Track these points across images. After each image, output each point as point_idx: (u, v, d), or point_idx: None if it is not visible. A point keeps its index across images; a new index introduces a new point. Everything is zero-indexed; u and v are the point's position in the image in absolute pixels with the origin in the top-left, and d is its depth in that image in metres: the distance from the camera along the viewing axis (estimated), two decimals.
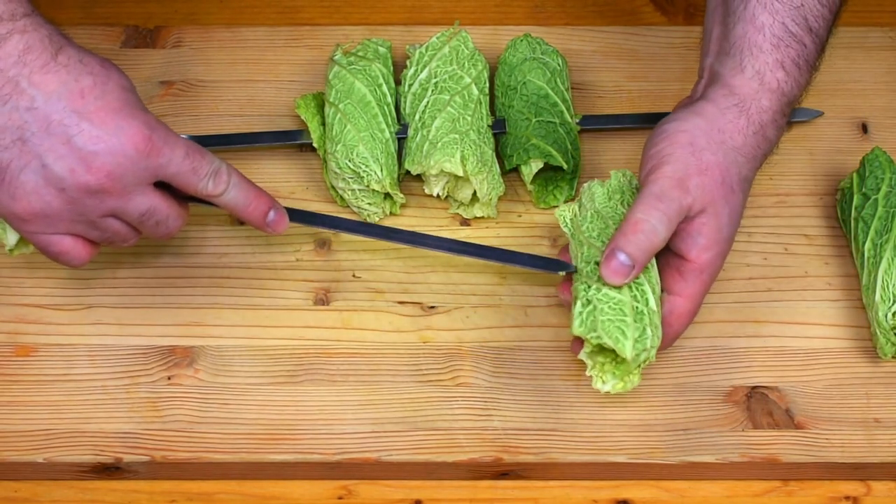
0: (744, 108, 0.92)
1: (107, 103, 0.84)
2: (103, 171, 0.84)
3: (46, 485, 0.93)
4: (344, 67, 1.07)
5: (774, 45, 0.93)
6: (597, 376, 0.89)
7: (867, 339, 0.98)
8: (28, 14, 0.84)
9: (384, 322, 0.98)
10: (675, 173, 0.89)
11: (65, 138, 0.83)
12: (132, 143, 0.84)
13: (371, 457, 0.92)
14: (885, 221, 0.98)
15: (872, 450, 0.93)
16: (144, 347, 0.97)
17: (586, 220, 0.92)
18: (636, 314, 0.87)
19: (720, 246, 0.91)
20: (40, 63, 0.83)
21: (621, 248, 0.87)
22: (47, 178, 0.84)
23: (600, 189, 0.94)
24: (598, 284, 0.88)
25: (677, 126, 0.92)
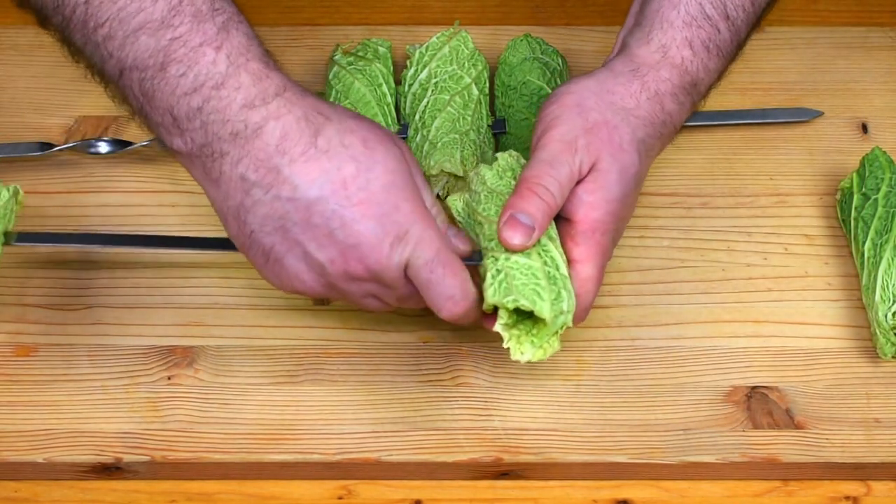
0: (638, 73, 0.91)
1: (369, 194, 0.82)
2: (362, 263, 0.83)
3: (46, 485, 0.93)
4: (344, 67, 1.07)
5: (686, 24, 0.92)
6: (515, 348, 0.87)
7: (867, 339, 0.98)
8: (280, 93, 0.82)
9: (384, 322, 0.98)
10: (562, 136, 0.88)
11: (326, 231, 0.82)
12: (389, 238, 0.83)
13: (371, 457, 0.92)
14: (885, 221, 0.98)
15: (872, 450, 0.93)
16: (144, 347, 0.97)
17: (481, 202, 0.90)
18: (549, 278, 0.86)
19: (610, 205, 0.89)
20: (300, 150, 0.81)
21: (520, 210, 0.86)
22: (310, 264, 0.84)
23: (489, 171, 0.92)
24: (507, 254, 0.87)
25: (566, 88, 0.91)
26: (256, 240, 0.84)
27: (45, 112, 1.10)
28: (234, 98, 0.80)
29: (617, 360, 0.97)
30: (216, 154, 0.82)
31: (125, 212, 1.04)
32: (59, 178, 1.06)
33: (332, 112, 0.84)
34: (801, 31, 1.16)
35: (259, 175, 0.81)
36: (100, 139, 1.07)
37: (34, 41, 1.13)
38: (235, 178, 0.82)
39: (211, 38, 0.80)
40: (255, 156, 0.81)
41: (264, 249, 0.84)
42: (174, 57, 0.80)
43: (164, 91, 0.81)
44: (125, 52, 0.81)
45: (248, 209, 0.83)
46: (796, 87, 1.13)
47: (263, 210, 0.82)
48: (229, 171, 0.82)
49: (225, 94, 0.80)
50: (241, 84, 0.80)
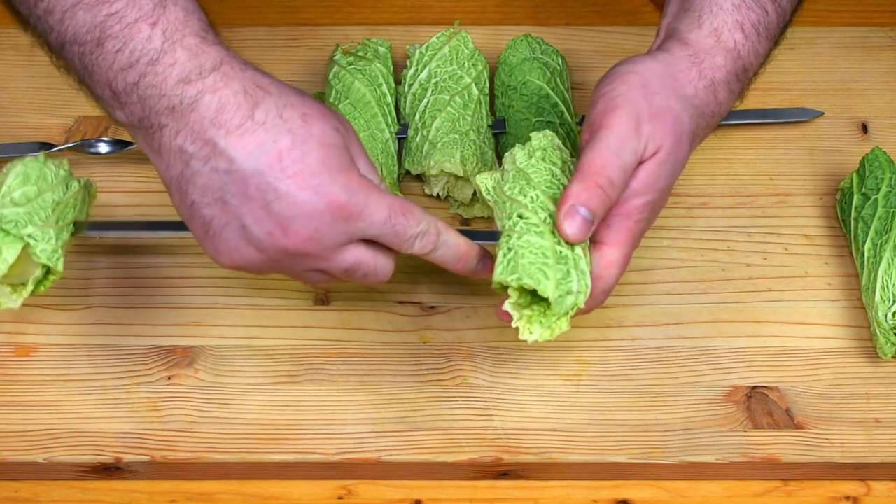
0: (696, 60, 0.90)
1: (305, 166, 0.81)
2: (301, 236, 0.82)
3: (46, 485, 0.93)
4: (344, 67, 1.07)
5: (735, 6, 0.91)
6: (523, 327, 0.86)
7: (867, 339, 0.98)
8: (217, 66, 0.81)
9: (384, 322, 0.98)
10: (629, 119, 0.86)
11: (262, 203, 0.81)
12: (329, 209, 0.82)
13: (371, 457, 0.92)
14: (884, 221, 0.98)
15: (872, 450, 0.93)
16: (144, 347, 0.97)
17: (508, 182, 0.90)
18: (559, 257, 0.85)
19: (654, 195, 0.88)
20: (236, 122, 0.81)
21: (583, 203, 0.85)
22: (247, 238, 0.83)
23: (521, 151, 0.91)
24: (521, 232, 0.86)
25: (631, 67, 0.89)
26: (197, 211, 0.83)
27: (45, 112, 1.10)
28: (169, 73, 0.80)
29: (617, 360, 0.97)
30: (155, 127, 0.82)
31: (125, 212, 1.04)
32: None
33: (272, 87, 0.83)
34: (801, 31, 1.16)
35: (196, 147, 0.81)
36: (100, 139, 1.07)
37: (35, 41, 1.13)
38: (175, 149, 0.82)
39: (147, 13, 0.80)
40: (192, 128, 0.81)
41: (204, 221, 0.83)
42: (110, 33, 0.80)
43: (102, 66, 0.81)
44: (64, 27, 0.81)
45: (188, 180, 0.82)
46: (796, 87, 1.13)
47: (202, 181, 0.82)
48: (169, 143, 0.82)
49: (160, 69, 0.80)
50: (177, 60, 0.80)
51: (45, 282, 0.90)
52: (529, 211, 0.87)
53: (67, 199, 0.91)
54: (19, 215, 0.87)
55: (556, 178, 0.89)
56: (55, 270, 0.89)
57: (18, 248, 0.86)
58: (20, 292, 0.89)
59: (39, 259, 0.87)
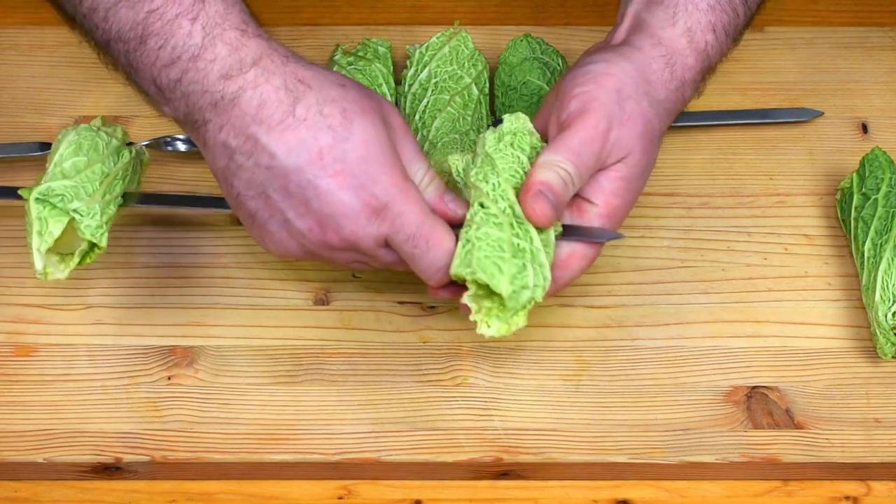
0: (669, 61, 0.90)
1: (345, 165, 0.82)
2: (339, 234, 0.84)
3: (46, 485, 0.93)
4: (344, 67, 1.07)
5: (710, 7, 0.91)
6: (481, 321, 0.85)
7: (867, 339, 0.98)
8: (258, 61, 0.82)
9: (384, 322, 0.98)
10: (598, 125, 0.87)
11: (303, 199, 0.83)
12: (365, 210, 0.83)
13: (371, 457, 0.92)
14: (884, 221, 0.98)
15: (872, 450, 0.93)
16: (144, 347, 0.97)
17: (475, 166, 0.89)
18: (516, 251, 0.84)
19: (629, 195, 0.90)
20: (277, 118, 0.82)
21: (547, 189, 0.85)
22: (290, 231, 0.85)
23: (492, 134, 0.91)
24: (479, 223, 0.85)
25: (605, 68, 0.89)
26: (242, 203, 0.85)
27: (45, 112, 1.10)
28: (210, 69, 0.81)
29: (617, 360, 0.97)
30: (199, 122, 0.83)
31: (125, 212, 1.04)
32: None
33: (314, 80, 0.84)
34: (801, 31, 1.16)
35: (239, 142, 0.82)
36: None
37: (34, 41, 1.13)
38: (219, 144, 0.83)
39: (187, 9, 0.81)
40: (234, 123, 0.82)
41: (250, 212, 0.85)
42: (152, 30, 0.81)
43: (145, 63, 0.82)
44: (108, 25, 0.82)
45: (233, 173, 0.84)
46: (796, 87, 1.13)
47: (246, 175, 0.83)
48: (214, 138, 0.83)
49: (201, 65, 0.81)
50: (217, 55, 0.81)
51: (90, 254, 0.91)
52: (490, 200, 0.87)
53: (117, 170, 0.92)
54: (66, 189, 0.88)
55: (521, 165, 0.89)
56: (100, 245, 0.90)
57: (64, 221, 0.88)
58: (68, 263, 0.90)
59: (83, 235, 0.88)
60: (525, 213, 0.86)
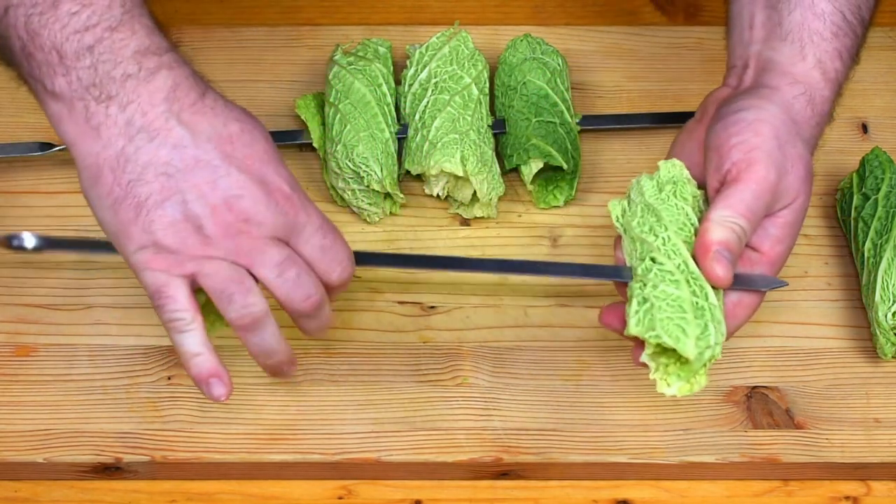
0: (810, 99, 0.89)
1: (255, 153, 0.83)
2: (245, 214, 0.82)
3: (46, 485, 0.93)
4: (344, 67, 1.07)
5: (834, 34, 0.90)
6: (661, 380, 0.84)
7: (867, 339, 0.98)
8: (171, 49, 0.82)
9: (384, 322, 0.98)
10: (767, 176, 0.85)
11: (210, 179, 0.81)
12: (274, 196, 0.82)
13: (371, 457, 0.92)
14: (884, 221, 0.98)
15: (872, 450, 0.93)
16: (144, 347, 0.97)
17: (636, 216, 0.88)
18: (696, 310, 0.83)
19: (792, 239, 0.89)
20: (189, 101, 0.82)
21: (725, 248, 0.84)
22: (187, 214, 0.81)
23: (649, 182, 0.89)
24: (655, 281, 0.84)
25: (757, 115, 0.87)
26: (132, 190, 0.81)
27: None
28: (128, 43, 0.80)
29: (617, 360, 0.97)
30: (103, 96, 0.80)
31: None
32: (59, 178, 1.06)
33: (211, 85, 0.85)
34: None
35: (147, 120, 0.81)
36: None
37: None
38: (121, 122, 0.81)
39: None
40: (146, 100, 0.81)
41: (138, 201, 0.81)
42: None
43: (52, 28, 0.80)
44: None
45: (128, 157, 0.81)
46: None
47: (146, 157, 0.81)
48: (115, 115, 0.81)
49: (119, 37, 0.80)
50: (136, 32, 0.81)
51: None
52: (662, 255, 0.85)
53: None
54: None
55: (688, 217, 0.87)
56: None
57: None
58: None
59: None
60: (706, 274, 0.84)
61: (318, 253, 0.85)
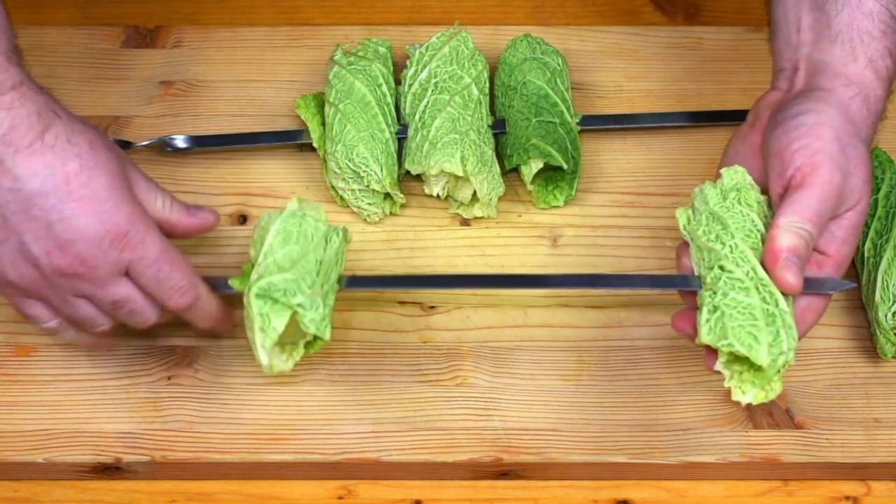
0: (865, 99, 0.89)
1: (91, 192, 0.84)
2: (78, 258, 0.84)
3: (46, 485, 0.93)
4: (344, 67, 1.07)
5: (883, 32, 0.90)
6: (736, 387, 0.85)
7: (867, 339, 0.98)
8: (16, 86, 0.83)
9: (384, 322, 0.98)
10: (832, 179, 0.86)
11: (45, 223, 0.83)
12: (108, 236, 0.84)
13: (371, 457, 0.92)
14: (884, 221, 0.98)
15: (872, 450, 0.93)
16: (144, 347, 0.97)
17: (702, 224, 0.88)
18: (767, 317, 0.83)
19: (856, 240, 0.89)
20: (26, 143, 0.83)
21: (794, 254, 0.84)
22: (24, 254, 0.84)
23: (713, 190, 0.90)
24: (725, 289, 0.84)
25: (816, 118, 0.88)
26: None
27: None
28: None
29: (617, 360, 0.97)
30: None
31: None
32: None
33: (63, 112, 0.85)
34: None
35: None
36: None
37: (34, 41, 1.13)
38: None
39: None
40: None
41: None
42: None
43: None
44: None
45: None
46: None
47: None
48: None
49: None
50: None
51: (314, 345, 0.91)
52: (731, 262, 0.85)
53: (329, 257, 0.91)
54: (287, 283, 0.87)
55: (754, 224, 0.87)
56: (323, 338, 0.88)
57: (287, 316, 0.86)
58: (291, 354, 0.90)
59: (308, 329, 0.87)
60: (776, 282, 0.84)
61: (154, 284, 0.88)
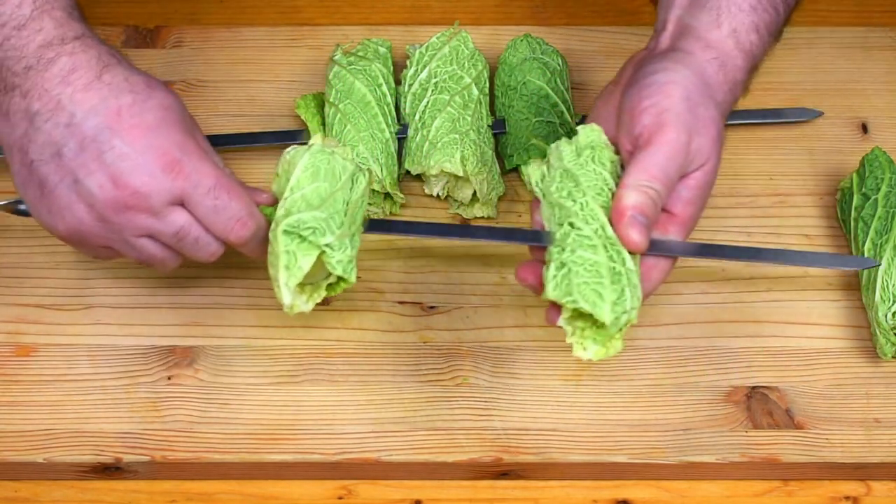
0: (722, 64, 0.90)
1: (142, 121, 0.85)
2: (129, 188, 0.84)
3: (46, 485, 0.93)
4: (344, 67, 1.07)
5: (752, 7, 0.91)
6: (577, 343, 0.85)
7: (867, 339, 0.98)
8: (79, 37, 0.85)
9: (384, 322, 0.98)
10: (679, 138, 0.86)
11: (97, 154, 0.84)
12: (159, 162, 0.84)
13: (371, 457, 0.92)
14: (884, 221, 0.98)
15: (872, 450, 0.93)
16: (144, 347, 0.97)
17: (555, 181, 0.88)
18: (613, 275, 0.83)
19: (703, 201, 0.89)
20: (83, 82, 0.84)
21: (640, 212, 0.84)
22: (79, 193, 0.85)
23: (568, 147, 0.89)
24: (573, 246, 0.84)
25: (668, 76, 0.88)
26: (35, 170, 0.86)
27: None
28: (33, 39, 0.84)
29: (617, 360, 0.97)
30: (8, 87, 0.85)
31: None
32: None
33: (124, 60, 0.87)
34: (801, 31, 1.16)
35: (42, 103, 0.84)
36: None
37: None
38: (22, 108, 0.85)
39: None
40: (42, 86, 0.84)
41: (40, 180, 0.86)
42: None
43: None
44: None
45: (30, 138, 0.85)
46: (796, 87, 1.13)
47: (42, 138, 0.85)
48: (18, 103, 0.85)
49: (25, 34, 0.84)
50: (43, 27, 0.85)
51: (336, 287, 0.89)
52: (580, 220, 0.85)
53: (356, 198, 0.89)
54: (318, 221, 0.85)
55: (606, 182, 0.87)
56: (348, 280, 0.87)
57: (314, 256, 0.85)
58: (312, 296, 0.88)
59: (335, 270, 0.86)
60: (621, 240, 0.85)
61: (212, 215, 0.87)
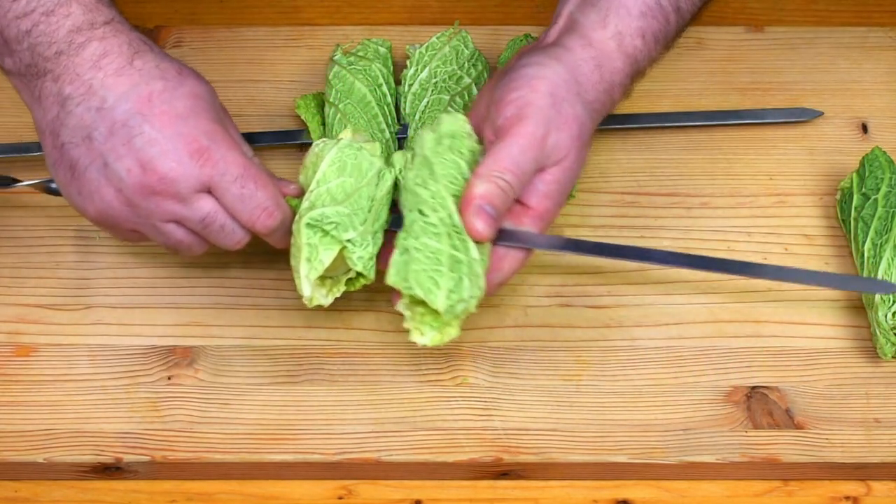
0: (598, 63, 0.91)
1: (172, 108, 0.85)
2: (157, 173, 0.85)
3: (46, 485, 0.93)
4: (344, 67, 1.07)
5: (642, 13, 0.92)
6: (415, 328, 0.86)
7: (867, 339, 0.98)
8: (108, 21, 0.86)
9: (384, 322, 0.98)
10: (535, 131, 0.87)
11: (126, 139, 0.85)
12: (187, 149, 0.85)
13: (371, 457, 0.92)
14: (884, 221, 0.98)
15: (872, 450, 0.93)
16: (144, 347, 0.97)
17: (414, 168, 0.89)
18: (453, 263, 0.84)
19: (561, 197, 0.90)
20: (115, 67, 0.85)
21: (488, 202, 0.86)
22: (108, 176, 0.86)
23: (430, 135, 0.90)
24: (418, 233, 0.85)
25: (538, 71, 0.89)
26: (65, 153, 0.87)
27: None
28: (62, 24, 0.85)
29: (617, 360, 0.97)
30: (39, 73, 0.86)
31: None
32: None
33: (155, 47, 0.88)
34: (801, 31, 1.16)
35: (73, 88, 0.85)
36: None
37: None
38: (54, 93, 0.86)
39: None
40: (74, 71, 0.85)
41: (71, 163, 0.87)
42: None
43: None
44: None
45: (61, 122, 0.86)
46: (796, 87, 1.13)
47: (73, 121, 0.86)
48: (49, 87, 0.86)
49: (54, 20, 0.85)
50: (72, 12, 0.85)
51: (355, 282, 0.90)
52: (428, 208, 0.86)
53: (382, 195, 0.90)
54: (341, 217, 0.86)
55: (461, 171, 0.88)
56: (367, 277, 0.88)
57: (336, 250, 0.86)
58: (332, 290, 0.89)
59: (355, 266, 0.87)
60: (466, 228, 0.86)
61: (239, 203, 0.87)
